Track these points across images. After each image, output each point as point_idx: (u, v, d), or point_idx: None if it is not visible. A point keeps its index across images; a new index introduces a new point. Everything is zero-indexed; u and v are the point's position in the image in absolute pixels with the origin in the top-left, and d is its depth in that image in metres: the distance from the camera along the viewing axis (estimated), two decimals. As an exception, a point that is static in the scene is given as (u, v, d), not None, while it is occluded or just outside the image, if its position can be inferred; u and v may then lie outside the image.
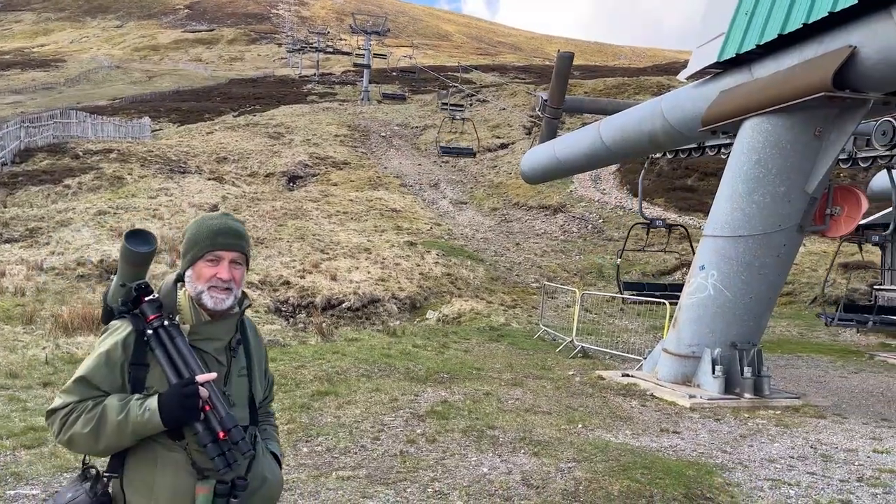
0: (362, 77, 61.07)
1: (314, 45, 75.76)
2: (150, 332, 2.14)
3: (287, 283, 19.47)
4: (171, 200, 27.02)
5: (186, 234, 2.31)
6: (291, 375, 9.42)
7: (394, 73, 57.46)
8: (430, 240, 26.36)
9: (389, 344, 12.49)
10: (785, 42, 8.46)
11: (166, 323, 2.16)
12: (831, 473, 6.14)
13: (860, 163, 15.44)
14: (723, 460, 6.46)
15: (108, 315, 2.37)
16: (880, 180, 17.35)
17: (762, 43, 8.65)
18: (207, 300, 2.23)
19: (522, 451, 6.50)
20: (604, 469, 5.83)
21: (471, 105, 52.55)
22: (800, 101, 7.91)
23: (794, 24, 8.11)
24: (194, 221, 2.36)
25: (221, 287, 2.24)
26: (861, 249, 17.18)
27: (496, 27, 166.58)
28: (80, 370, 2.14)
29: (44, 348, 10.72)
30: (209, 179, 31.94)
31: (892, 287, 17.03)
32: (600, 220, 31.18)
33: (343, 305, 18.29)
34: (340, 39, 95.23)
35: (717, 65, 9.61)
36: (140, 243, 2.28)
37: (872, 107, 8.34)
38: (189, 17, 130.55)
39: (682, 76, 10.32)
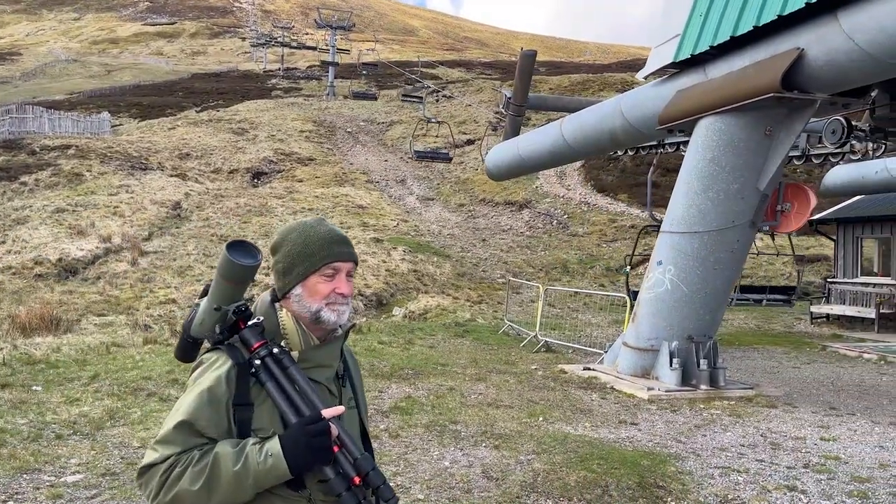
0: (328, 72, 60.65)
1: (278, 39, 74.90)
2: (257, 362, 1.79)
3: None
4: (132, 197, 26.59)
5: (286, 245, 1.93)
6: (255, 374, 9.40)
7: (360, 71, 56.65)
8: (396, 236, 26.41)
9: (355, 341, 12.51)
10: (737, 43, 8.72)
11: (275, 350, 1.81)
12: (779, 460, 6.40)
13: (813, 159, 15.91)
14: (677, 450, 6.67)
15: (188, 349, 1.98)
16: (834, 176, 17.90)
17: (715, 44, 8.90)
18: (330, 316, 1.90)
19: (484, 444, 6.63)
20: (562, 460, 5.99)
21: (436, 101, 52.61)
22: (751, 101, 8.17)
23: (746, 27, 8.36)
24: (291, 230, 1.97)
25: (342, 302, 1.93)
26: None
27: (462, 23, 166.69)
28: (180, 414, 1.74)
29: (0, 349, 10.53)
30: (171, 176, 31.49)
31: (844, 279, 17.62)
32: (565, 216, 31.55)
33: (309, 303, 18.25)
34: (305, 34, 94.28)
35: (673, 65, 9.85)
36: (243, 255, 1.85)
37: (820, 106, 8.67)
38: (149, 9, 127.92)
39: (640, 75, 10.54)
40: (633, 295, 16.15)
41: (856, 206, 18.12)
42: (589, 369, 10.91)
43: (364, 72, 56.92)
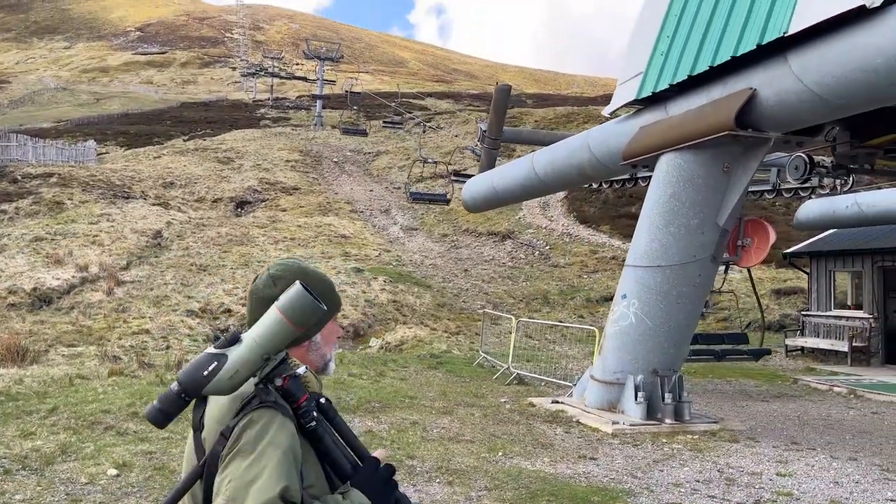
0: (316, 103, 61.14)
1: (268, 69, 75.59)
2: (314, 416, 1.67)
3: (228, 310, 19.28)
4: (112, 226, 26.52)
5: (315, 288, 1.70)
6: (218, 407, 9.33)
7: (350, 106, 55.69)
8: (377, 266, 26.42)
9: (325, 373, 12.46)
10: (695, 82, 8.92)
11: (323, 401, 1.72)
12: (731, 496, 6.40)
13: (784, 194, 16.15)
14: (631, 486, 6.66)
15: (175, 411, 1.62)
16: (806, 211, 18.13)
17: (675, 83, 9.10)
18: (333, 364, 1.87)
19: (438, 480, 6.59)
20: (512, 497, 5.97)
21: (423, 132, 53.06)
22: (707, 138, 8.33)
23: (702, 66, 8.56)
24: (302, 272, 1.83)
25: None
26: None
27: (452, 55, 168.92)
28: (280, 480, 1.53)
29: (-37, 381, 10.40)
30: (154, 205, 31.46)
31: (818, 312, 17.76)
32: (547, 247, 31.70)
33: (285, 333, 18.16)
34: (296, 64, 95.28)
35: (636, 102, 10.04)
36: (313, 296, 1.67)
37: (777, 144, 8.85)
38: (141, 39, 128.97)
39: (606, 111, 10.74)
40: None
41: (828, 239, 18.35)
42: (557, 402, 10.90)
43: (355, 107, 56.16)
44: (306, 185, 39.62)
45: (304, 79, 67.69)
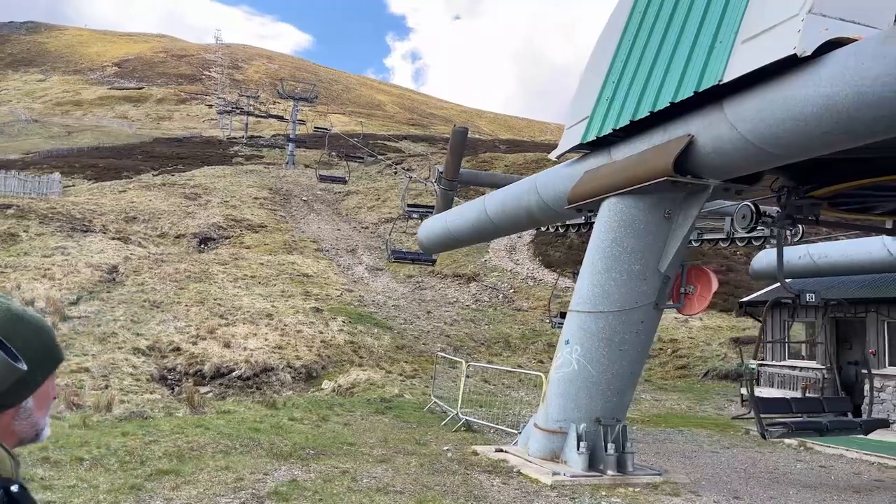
0: (290, 141, 61.13)
1: (244, 107, 75.67)
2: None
3: (177, 349, 18.68)
4: (66, 260, 25.82)
5: (15, 342, 1.40)
6: (139, 452, 8.84)
7: (327, 152, 53.25)
8: (338, 306, 25.98)
9: (264, 417, 11.98)
10: (637, 128, 8.90)
11: (15, 489, 1.39)
12: (660, 556, 6.09)
13: (738, 242, 16.22)
14: (558, 543, 6.33)
15: None
16: (760, 260, 18.26)
17: (618, 127, 9.07)
18: (47, 431, 1.54)
19: (353, 535, 6.20)
20: (425, 556, 5.60)
21: (395, 174, 53.16)
22: (648, 184, 8.26)
23: (643, 112, 8.55)
24: (13, 320, 1.46)
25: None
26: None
27: (429, 99, 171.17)
28: None
29: None
30: (113, 239, 30.81)
31: (773, 362, 17.71)
32: (511, 290, 31.56)
33: (233, 374, 17.62)
34: (273, 104, 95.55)
35: (582, 146, 10.00)
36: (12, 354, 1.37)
37: (722, 192, 8.83)
38: (117, 74, 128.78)
39: (553, 155, 10.69)
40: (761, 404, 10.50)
41: (783, 289, 18.38)
42: (501, 451, 10.55)
43: (334, 153, 53.98)
44: (273, 223, 39.22)
45: (280, 118, 67.83)
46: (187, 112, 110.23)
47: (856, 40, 6.40)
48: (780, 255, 9.91)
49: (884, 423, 10.64)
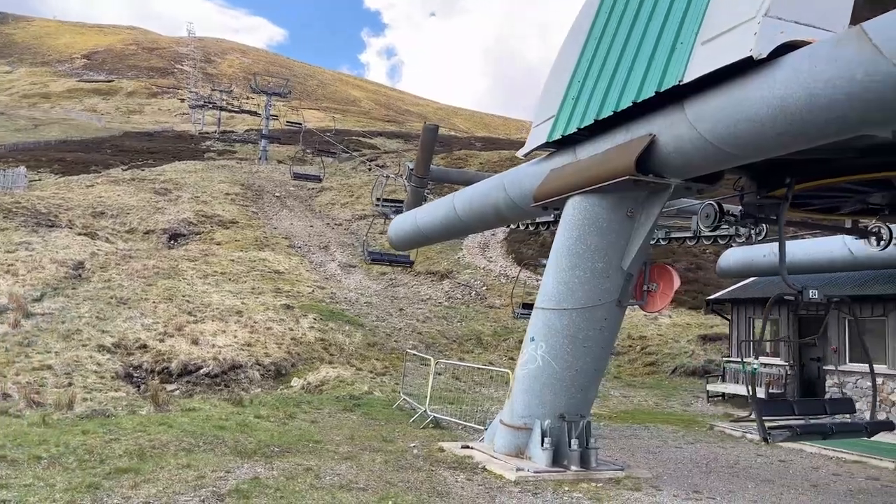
0: (264, 137, 60.53)
1: (217, 102, 74.75)
2: None
3: (144, 346, 18.44)
4: (30, 256, 25.31)
5: None
6: (99, 450, 8.73)
7: (302, 149, 52.19)
8: (309, 303, 25.82)
9: (230, 415, 11.89)
10: (602, 127, 8.99)
11: None
12: (616, 550, 6.17)
13: (704, 241, 16.45)
14: (517, 538, 6.38)
15: None
16: (727, 259, 18.54)
17: (583, 126, 9.15)
18: None
19: (312, 532, 6.19)
20: (383, 552, 5.61)
21: (369, 170, 52.94)
22: (610, 182, 8.35)
23: (607, 112, 8.64)
24: None
25: None
26: None
27: (404, 96, 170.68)
28: None
29: None
30: (80, 234, 30.25)
31: (738, 359, 18.00)
32: (484, 288, 31.65)
33: (201, 372, 17.44)
34: (247, 98, 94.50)
35: (548, 145, 10.07)
36: None
37: (683, 191, 8.95)
38: (87, 66, 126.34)
39: (520, 153, 10.75)
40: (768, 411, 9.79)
41: (748, 287, 18.74)
42: (467, 447, 10.60)
43: (309, 150, 52.99)
44: (245, 219, 38.83)
45: (253, 113, 67.12)
46: (158, 106, 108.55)
47: (810, 43, 6.53)
48: (782, 251, 9.28)
49: (889, 426, 9.94)
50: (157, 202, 39.04)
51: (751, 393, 9.27)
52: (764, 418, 8.25)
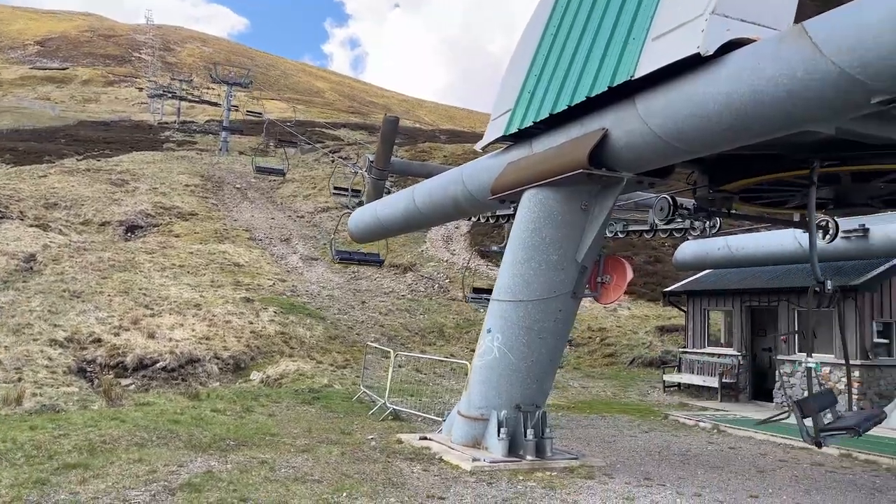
0: (224, 127, 59.57)
1: (176, 92, 73.24)
2: None
3: (98, 340, 18.07)
4: (-22, 248, 24.57)
5: None
6: (47, 446, 8.56)
7: (264, 140, 51.69)
8: (270, 296, 25.60)
9: (185, 409, 11.74)
10: (557, 121, 9.09)
11: None
12: (566, 537, 6.29)
13: (660, 234, 16.76)
14: (469, 527, 6.46)
15: None
16: (683, 252, 18.91)
17: (538, 120, 9.24)
18: None
19: (264, 525, 6.18)
20: (335, 543, 5.63)
21: (332, 162, 52.53)
22: (565, 176, 8.46)
23: (562, 106, 8.73)
24: None
25: None
26: None
27: (369, 87, 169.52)
28: None
29: None
30: (31, 226, 29.46)
31: (693, 349, 18.41)
32: (447, 280, 31.74)
33: (157, 366, 17.17)
34: (207, 89, 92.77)
35: (505, 138, 10.13)
36: None
37: (635, 184, 9.10)
38: (40, 53, 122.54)
39: (478, 147, 10.80)
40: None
41: (703, 279, 19.16)
42: (425, 439, 10.65)
43: (272, 141, 51.66)
44: (204, 211, 38.24)
45: (214, 103, 65.98)
46: (115, 95, 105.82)
47: (755, 41, 6.70)
48: (812, 243, 8.89)
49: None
50: (114, 193, 38.19)
51: (807, 390, 8.26)
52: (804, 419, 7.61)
